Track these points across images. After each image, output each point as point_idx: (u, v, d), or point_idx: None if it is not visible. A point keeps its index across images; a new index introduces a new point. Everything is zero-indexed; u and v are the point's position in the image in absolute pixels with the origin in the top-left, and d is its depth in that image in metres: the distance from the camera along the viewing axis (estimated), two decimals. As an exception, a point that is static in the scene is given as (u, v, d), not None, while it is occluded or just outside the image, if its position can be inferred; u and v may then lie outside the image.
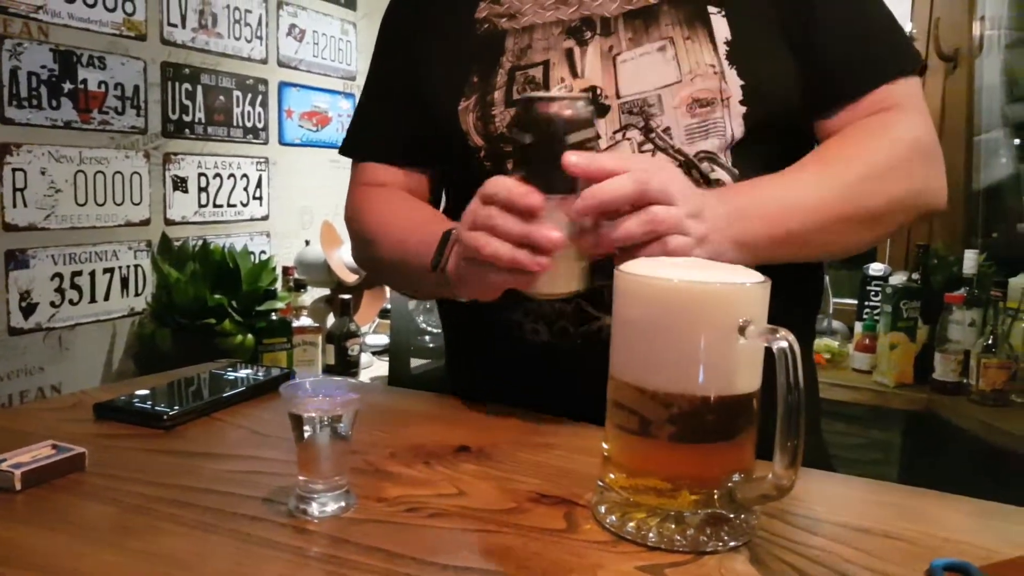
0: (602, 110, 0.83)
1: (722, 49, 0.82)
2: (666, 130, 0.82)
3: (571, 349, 0.84)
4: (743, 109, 0.81)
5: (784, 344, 0.51)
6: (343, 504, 0.59)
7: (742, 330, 0.53)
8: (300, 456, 0.59)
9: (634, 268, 0.57)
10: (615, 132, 0.83)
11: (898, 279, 2.24)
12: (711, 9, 0.83)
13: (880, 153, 0.81)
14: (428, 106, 0.92)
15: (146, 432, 0.75)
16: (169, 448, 0.71)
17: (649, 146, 0.82)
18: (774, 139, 0.84)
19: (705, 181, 0.82)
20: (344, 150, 1.04)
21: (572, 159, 0.68)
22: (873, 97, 0.84)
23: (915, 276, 2.17)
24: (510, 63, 0.88)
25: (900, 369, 2.06)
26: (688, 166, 0.82)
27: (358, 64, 2.95)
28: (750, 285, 0.55)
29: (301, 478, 0.59)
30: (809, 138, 0.89)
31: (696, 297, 0.54)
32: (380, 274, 1.13)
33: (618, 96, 0.83)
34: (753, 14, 0.83)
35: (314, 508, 0.58)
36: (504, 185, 0.71)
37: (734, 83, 0.81)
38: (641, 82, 0.83)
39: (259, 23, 2.48)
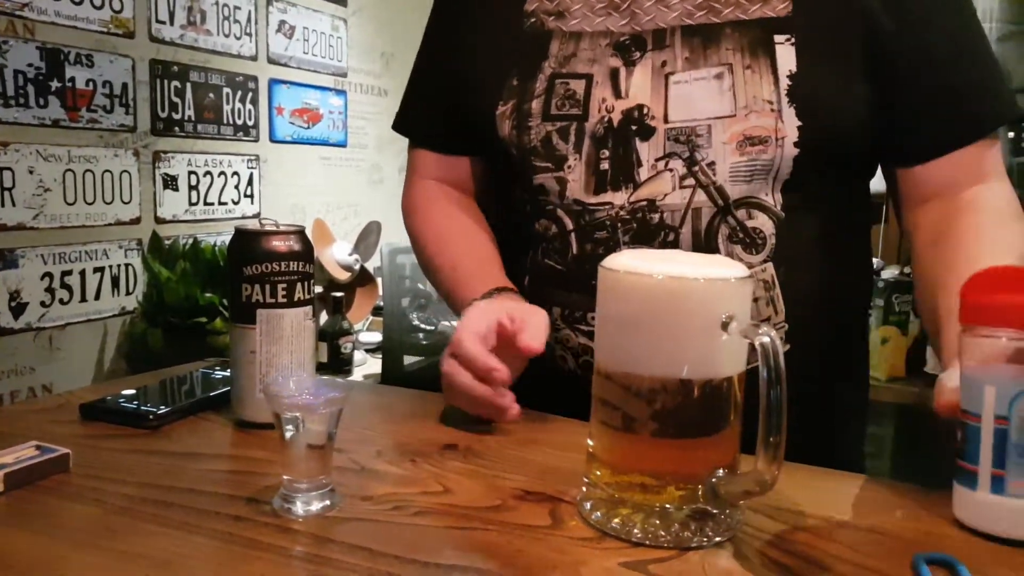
0: (646, 132, 0.79)
1: (783, 83, 0.76)
2: (711, 165, 0.78)
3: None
4: (796, 151, 0.76)
5: (767, 339, 0.51)
6: (327, 503, 0.59)
7: (725, 325, 0.53)
8: (284, 455, 0.59)
9: (618, 263, 0.57)
10: (658, 160, 0.79)
11: (890, 273, 2.25)
12: (778, 38, 0.76)
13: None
14: (469, 102, 0.89)
15: (132, 432, 0.74)
16: (154, 448, 0.71)
17: (691, 180, 0.78)
18: (826, 176, 0.80)
19: (742, 230, 0.79)
20: (396, 126, 1.02)
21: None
22: (964, 153, 0.78)
23: (907, 270, 2.19)
24: (551, 68, 0.83)
25: (892, 363, 2.06)
26: (724, 212, 0.78)
27: (349, 61, 2.94)
28: (734, 280, 0.55)
29: (285, 477, 0.59)
30: (860, 168, 0.85)
31: (679, 292, 0.54)
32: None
33: (666, 120, 0.79)
34: (826, 44, 0.77)
35: (298, 507, 0.58)
36: (470, 354, 0.73)
37: (791, 123, 0.76)
38: (692, 110, 0.78)
39: (248, 20, 2.47)
